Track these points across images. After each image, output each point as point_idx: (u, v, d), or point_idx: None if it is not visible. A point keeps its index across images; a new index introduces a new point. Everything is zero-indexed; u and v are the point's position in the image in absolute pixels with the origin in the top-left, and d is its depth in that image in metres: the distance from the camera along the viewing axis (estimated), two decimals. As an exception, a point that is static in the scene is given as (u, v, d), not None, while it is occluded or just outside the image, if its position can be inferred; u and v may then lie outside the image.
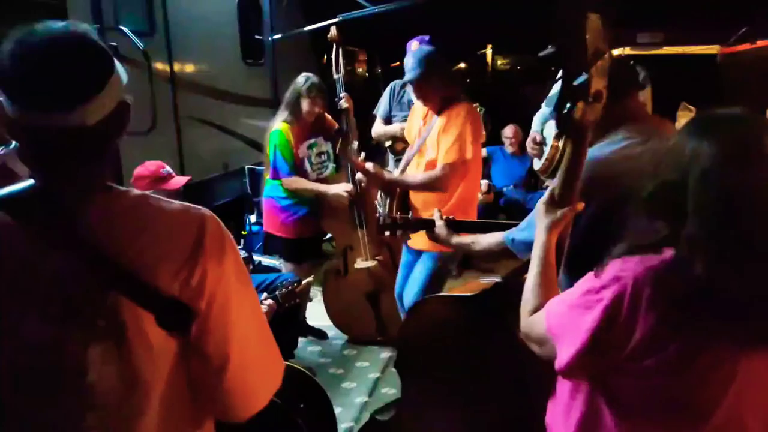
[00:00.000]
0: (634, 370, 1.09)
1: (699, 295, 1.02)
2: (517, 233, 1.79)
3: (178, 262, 0.99)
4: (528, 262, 1.40)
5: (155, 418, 1.02)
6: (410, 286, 3.15)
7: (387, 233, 2.45)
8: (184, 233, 1.02)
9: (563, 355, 1.15)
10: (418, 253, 3.16)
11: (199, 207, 1.07)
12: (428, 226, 2.30)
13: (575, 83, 1.24)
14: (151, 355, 0.99)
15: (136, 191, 1.05)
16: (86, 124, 0.95)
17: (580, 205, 1.37)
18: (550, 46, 3.82)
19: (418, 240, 3.03)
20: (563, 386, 1.27)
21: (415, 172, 3.08)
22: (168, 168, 3.09)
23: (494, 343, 1.83)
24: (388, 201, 3.05)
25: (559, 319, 1.19)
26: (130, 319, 0.97)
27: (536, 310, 1.28)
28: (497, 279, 2.05)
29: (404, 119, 3.86)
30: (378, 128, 4.26)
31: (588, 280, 1.15)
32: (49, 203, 0.98)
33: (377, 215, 3.33)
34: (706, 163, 1.03)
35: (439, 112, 2.99)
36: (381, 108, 4.26)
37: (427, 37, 3.85)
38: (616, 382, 1.14)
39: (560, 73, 3.77)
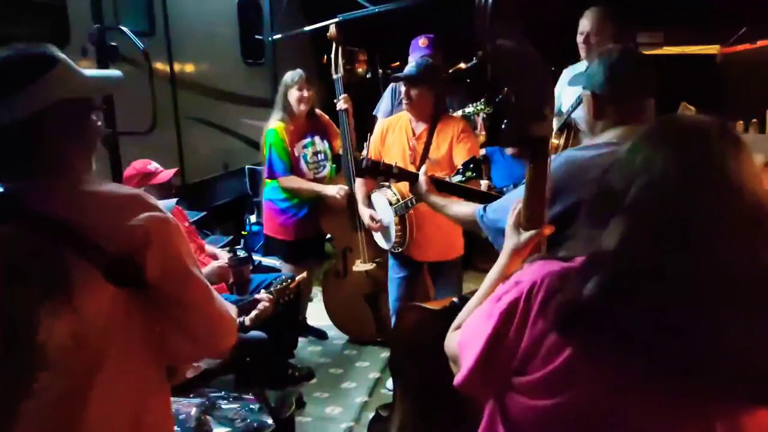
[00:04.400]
0: (524, 386, 0.98)
1: (589, 309, 0.90)
2: (489, 212, 1.74)
3: (124, 230, 1.08)
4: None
5: (109, 377, 1.08)
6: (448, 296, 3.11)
7: (366, 176, 2.36)
8: (130, 210, 1.11)
9: (463, 367, 1.06)
10: (418, 266, 3.16)
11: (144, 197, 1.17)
12: (411, 178, 2.30)
13: (497, 100, 1.13)
14: (100, 312, 1.06)
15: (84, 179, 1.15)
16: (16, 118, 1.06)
17: (548, 229, 1.27)
18: (474, 58, 3.79)
19: (432, 253, 3.08)
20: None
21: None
22: (154, 164, 3.11)
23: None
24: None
25: (467, 330, 1.10)
26: (78, 275, 1.04)
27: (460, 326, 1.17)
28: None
29: None
30: None
31: (499, 287, 1.07)
32: None
33: (360, 157, 3.30)
34: (654, 176, 0.89)
35: (434, 123, 2.97)
36: (382, 108, 4.21)
37: (432, 36, 3.84)
38: (509, 401, 1.02)
39: (563, 74, 3.73)
